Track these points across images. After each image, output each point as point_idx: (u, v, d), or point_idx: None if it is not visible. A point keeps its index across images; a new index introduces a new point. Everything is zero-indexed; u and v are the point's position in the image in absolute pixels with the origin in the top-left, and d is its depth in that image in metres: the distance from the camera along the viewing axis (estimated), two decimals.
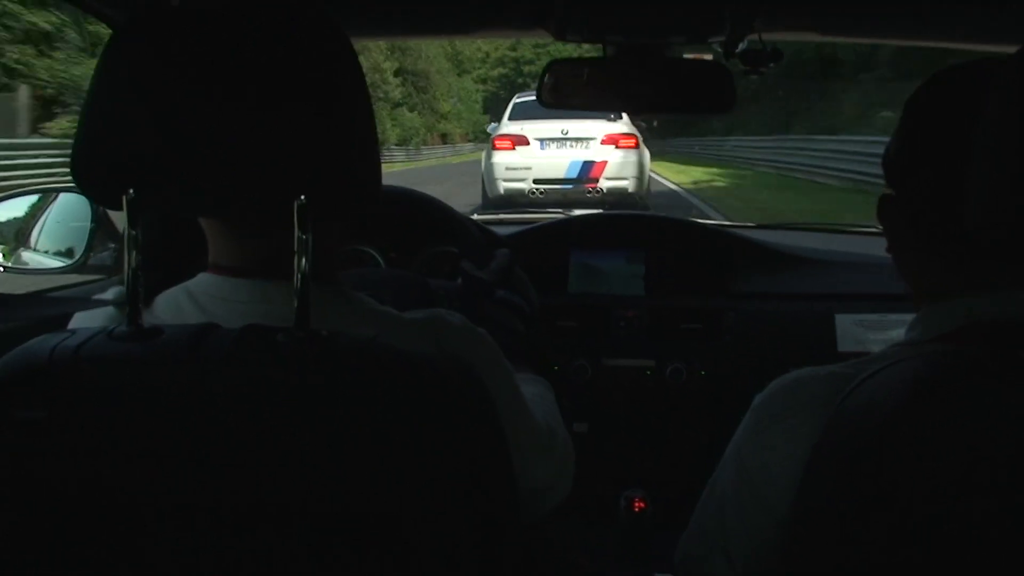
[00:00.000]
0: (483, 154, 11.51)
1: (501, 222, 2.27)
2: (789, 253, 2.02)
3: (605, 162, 10.46)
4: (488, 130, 12.72)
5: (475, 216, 2.11)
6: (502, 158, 10.64)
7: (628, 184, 10.50)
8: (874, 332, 1.88)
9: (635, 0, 1.33)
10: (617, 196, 10.38)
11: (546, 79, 1.54)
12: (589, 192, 10.43)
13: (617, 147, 10.49)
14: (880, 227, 0.94)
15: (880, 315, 1.89)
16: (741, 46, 1.47)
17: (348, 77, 0.77)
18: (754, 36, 1.45)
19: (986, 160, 0.74)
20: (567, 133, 10.39)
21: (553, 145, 10.55)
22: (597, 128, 10.40)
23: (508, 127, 10.78)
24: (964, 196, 0.76)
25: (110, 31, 1.17)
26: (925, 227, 0.85)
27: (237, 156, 0.72)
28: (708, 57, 1.66)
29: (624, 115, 10.15)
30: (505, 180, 10.56)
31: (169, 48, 0.73)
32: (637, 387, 1.90)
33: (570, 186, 10.47)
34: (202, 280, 0.83)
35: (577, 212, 2.32)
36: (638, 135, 10.69)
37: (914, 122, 0.87)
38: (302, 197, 0.70)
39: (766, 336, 1.89)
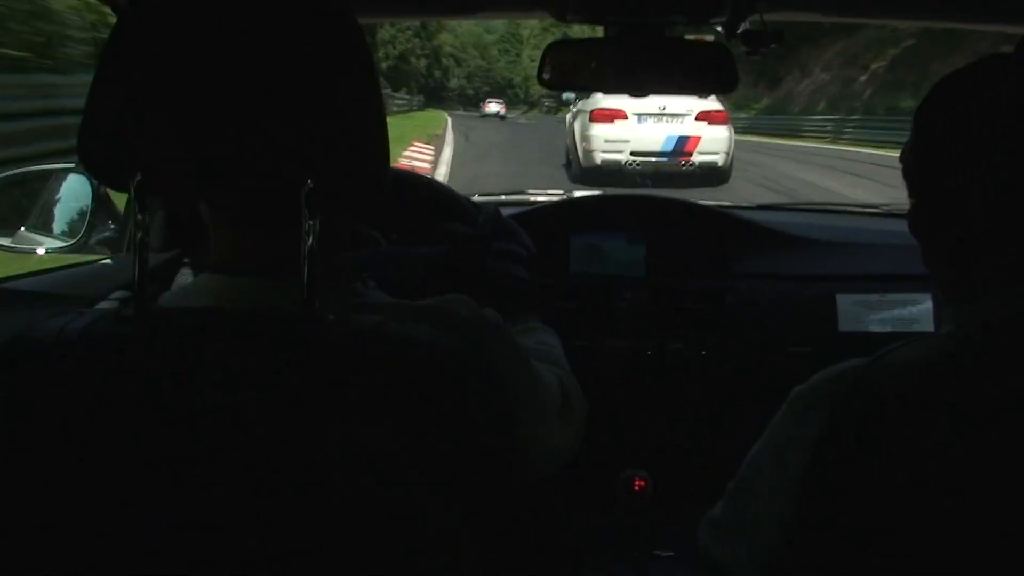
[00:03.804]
0: (575, 125, 12.04)
1: (500, 204, 2.26)
2: (790, 234, 2.02)
3: (699, 137, 11.02)
4: (563, 98, 13.44)
5: (476, 197, 2.10)
6: (601, 130, 11.20)
7: (718, 159, 11.13)
8: (875, 312, 1.89)
9: None
10: (707, 170, 10.96)
11: (547, 60, 1.53)
12: (683, 165, 11.02)
13: (710, 123, 11.05)
14: (882, 208, 0.95)
15: (881, 295, 1.89)
16: (743, 27, 1.46)
17: (356, 60, 0.77)
18: (755, 17, 1.44)
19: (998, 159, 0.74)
20: (664, 108, 10.90)
21: (651, 119, 11.08)
22: (691, 104, 10.86)
23: (606, 100, 11.11)
24: (979, 197, 0.76)
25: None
26: (950, 232, 0.85)
27: (243, 140, 0.71)
28: (709, 38, 1.65)
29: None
30: (603, 151, 11.14)
31: (175, 30, 0.72)
32: (638, 368, 1.91)
33: (665, 159, 11.02)
34: (202, 280, 0.82)
35: (578, 193, 2.31)
36: (726, 112, 11.31)
37: (926, 131, 0.87)
38: (308, 182, 0.70)
39: (767, 317, 1.89)
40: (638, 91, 1.61)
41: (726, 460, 0.92)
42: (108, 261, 1.67)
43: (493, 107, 47.38)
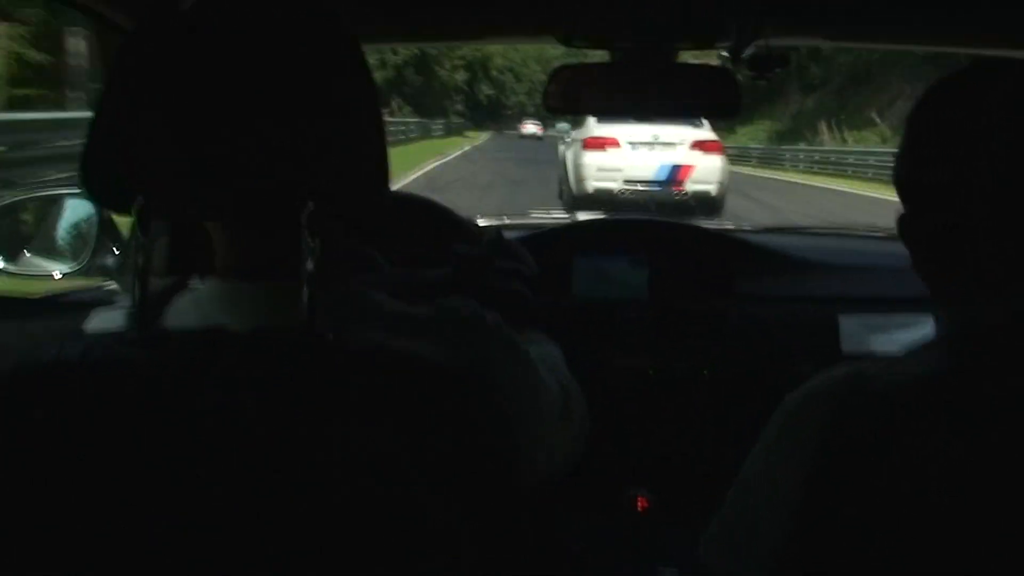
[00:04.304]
0: (568, 154, 12.10)
1: (504, 227, 2.27)
2: (793, 256, 2.03)
3: (692, 166, 11.04)
4: (556, 129, 13.41)
5: (478, 220, 2.10)
6: (593, 158, 11.22)
7: (711, 188, 11.14)
8: (878, 334, 1.89)
9: (642, 6, 1.33)
10: (700, 199, 10.93)
11: (553, 84, 1.54)
12: (676, 194, 11.01)
13: (704, 152, 11.10)
14: (884, 231, 0.95)
15: (884, 317, 1.89)
16: (748, 51, 1.47)
17: (357, 82, 0.77)
18: (761, 42, 1.45)
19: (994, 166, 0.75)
20: (657, 137, 10.95)
21: (643, 148, 11.10)
22: (685, 133, 10.99)
23: (598, 129, 11.22)
24: (976, 203, 0.77)
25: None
26: (947, 239, 0.85)
27: (246, 161, 0.72)
28: (714, 62, 1.66)
29: (705, 121, 10.57)
30: (596, 180, 11.15)
31: (178, 54, 0.73)
32: (641, 389, 1.91)
33: (658, 187, 11.01)
34: (209, 286, 0.82)
35: (581, 216, 2.32)
36: (720, 141, 11.37)
37: (918, 137, 0.87)
38: (310, 203, 0.70)
39: (770, 338, 1.89)
40: (643, 115, 1.63)
41: (729, 478, 0.92)
42: (112, 286, 1.67)
43: (530, 128, 45.56)
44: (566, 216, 2.45)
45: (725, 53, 1.51)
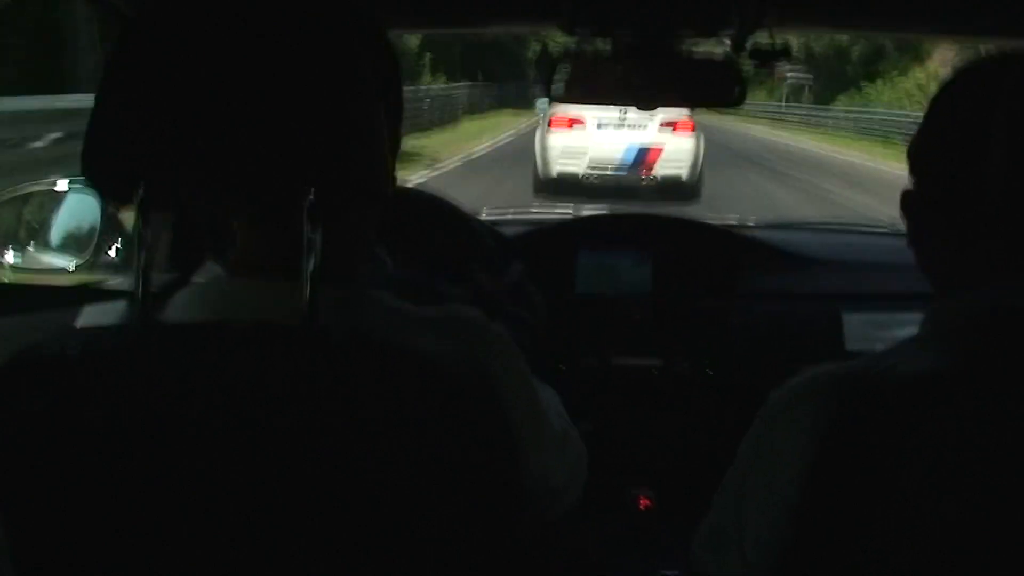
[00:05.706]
0: (537, 134, 11.42)
1: (508, 222, 2.26)
2: (797, 253, 2.02)
3: (661, 148, 10.32)
4: (537, 105, 12.67)
5: (483, 215, 2.10)
6: (558, 139, 10.57)
7: (682, 172, 10.41)
8: (882, 332, 1.88)
9: None
10: (670, 184, 10.27)
11: (555, 74, 1.54)
12: (643, 179, 10.34)
13: (674, 132, 10.37)
14: (888, 227, 0.95)
15: (888, 314, 1.88)
16: (751, 41, 1.47)
17: (360, 70, 0.77)
18: (764, 31, 1.45)
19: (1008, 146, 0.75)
20: (625, 117, 10.22)
21: (610, 128, 10.42)
22: (655, 112, 10.25)
23: (564, 107, 10.42)
24: (986, 185, 0.77)
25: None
26: (949, 220, 0.85)
27: (248, 150, 0.72)
28: (717, 51, 1.66)
29: None
30: (560, 163, 10.50)
31: (180, 41, 0.73)
32: (644, 386, 1.90)
33: (624, 172, 10.35)
34: (214, 281, 0.82)
35: (585, 212, 2.32)
36: (694, 120, 10.57)
37: (939, 115, 0.87)
38: (311, 194, 0.70)
39: (773, 336, 1.89)
40: (645, 104, 1.62)
41: None
42: (116, 279, 1.67)
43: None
44: (570, 211, 2.43)
45: (728, 42, 1.51)
